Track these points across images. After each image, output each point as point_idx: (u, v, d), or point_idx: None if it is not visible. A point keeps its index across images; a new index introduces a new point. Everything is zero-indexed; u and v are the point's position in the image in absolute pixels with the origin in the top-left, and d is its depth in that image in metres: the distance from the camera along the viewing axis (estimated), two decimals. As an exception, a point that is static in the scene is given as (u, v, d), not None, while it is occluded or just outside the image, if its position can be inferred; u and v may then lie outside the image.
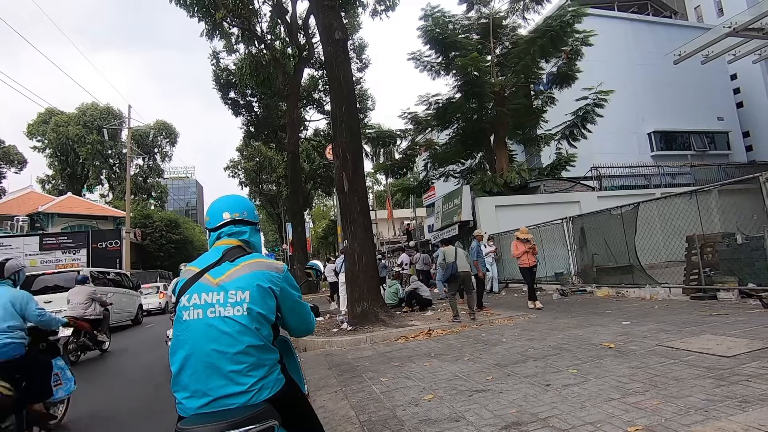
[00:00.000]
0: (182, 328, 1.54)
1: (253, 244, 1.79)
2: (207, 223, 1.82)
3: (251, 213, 1.82)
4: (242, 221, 1.78)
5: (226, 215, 1.76)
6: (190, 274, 1.62)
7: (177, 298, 1.59)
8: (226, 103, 23.07)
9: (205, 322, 1.50)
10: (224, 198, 1.85)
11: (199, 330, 1.50)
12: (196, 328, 1.50)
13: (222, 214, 1.76)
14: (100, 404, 5.01)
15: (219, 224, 1.76)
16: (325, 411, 3.71)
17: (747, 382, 3.10)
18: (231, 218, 1.75)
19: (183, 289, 1.58)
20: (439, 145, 19.26)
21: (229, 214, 1.76)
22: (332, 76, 9.03)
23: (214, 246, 1.74)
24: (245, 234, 1.77)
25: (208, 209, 1.83)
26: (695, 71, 23.05)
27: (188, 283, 1.59)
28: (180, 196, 69.58)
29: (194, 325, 1.51)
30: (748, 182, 6.78)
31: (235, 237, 1.74)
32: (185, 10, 15.35)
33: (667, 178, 20.90)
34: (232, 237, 1.74)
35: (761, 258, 6.37)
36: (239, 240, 1.74)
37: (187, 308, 1.54)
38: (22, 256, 20.19)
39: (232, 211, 1.77)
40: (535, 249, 8.77)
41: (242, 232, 1.77)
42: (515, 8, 16.43)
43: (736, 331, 4.68)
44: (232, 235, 1.74)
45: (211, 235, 1.79)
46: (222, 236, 1.74)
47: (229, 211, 1.77)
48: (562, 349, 4.81)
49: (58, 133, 38.42)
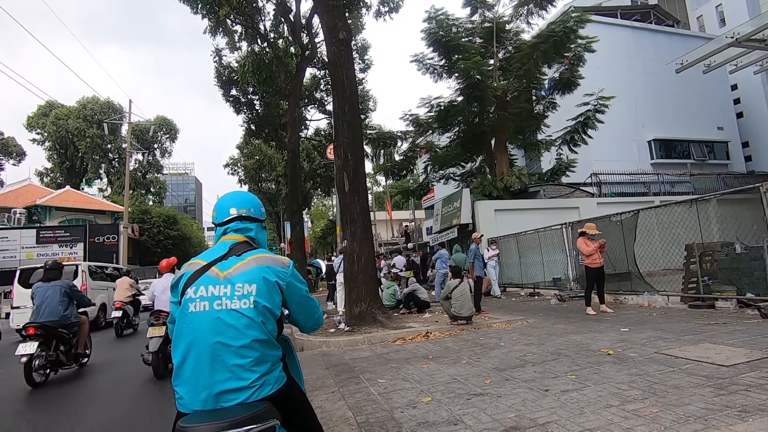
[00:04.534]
0: (187, 320, 1.52)
1: (258, 241, 1.79)
2: (214, 218, 1.82)
3: (258, 210, 1.82)
4: (249, 218, 1.78)
5: (233, 211, 1.76)
6: (196, 267, 1.61)
7: (183, 290, 1.58)
8: (228, 100, 23.05)
9: (212, 314, 1.50)
10: (232, 194, 1.85)
11: (204, 322, 1.49)
12: (201, 321, 1.50)
13: (229, 209, 1.76)
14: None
15: (225, 219, 1.75)
16: (323, 411, 3.69)
17: (746, 391, 3.10)
18: (238, 214, 1.75)
19: (189, 282, 1.58)
20: (440, 147, 19.26)
21: (236, 209, 1.76)
22: (335, 76, 9.02)
23: (220, 241, 1.73)
24: (252, 231, 1.77)
25: (215, 204, 1.83)
26: (696, 80, 23.15)
27: (195, 276, 1.58)
28: (179, 193, 69.45)
29: (200, 317, 1.50)
30: (748, 192, 6.79)
31: (241, 233, 1.74)
32: (189, 6, 15.31)
33: (666, 186, 20.94)
34: (239, 233, 1.74)
35: (760, 268, 6.38)
36: (245, 236, 1.74)
37: (194, 300, 1.53)
38: (19, 249, 20.12)
39: (239, 207, 1.77)
40: (604, 246, 7.91)
41: (249, 228, 1.77)
42: (519, 13, 16.45)
43: (734, 340, 4.68)
44: (238, 231, 1.74)
45: (217, 230, 1.78)
46: (228, 231, 1.74)
47: (236, 207, 1.77)
48: (560, 355, 4.80)
49: (57, 126, 38.24)
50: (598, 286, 7.84)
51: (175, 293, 1.63)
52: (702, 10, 31.44)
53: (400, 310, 9.83)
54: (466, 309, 7.47)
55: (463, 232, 16.14)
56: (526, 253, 12.97)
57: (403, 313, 9.59)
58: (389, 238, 36.58)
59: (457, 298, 7.49)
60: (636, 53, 24.76)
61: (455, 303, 7.48)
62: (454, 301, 7.50)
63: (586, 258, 7.81)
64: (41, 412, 4.62)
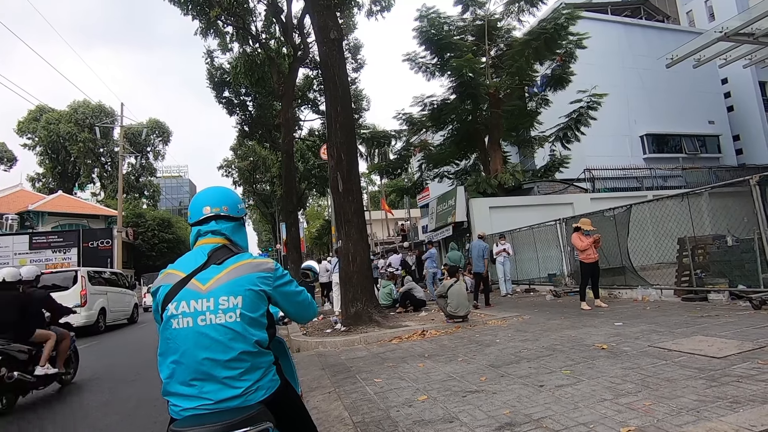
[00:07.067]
0: (171, 336, 1.45)
1: (236, 242, 1.65)
2: (188, 218, 1.69)
3: (234, 207, 1.67)
4: (225, 217, 1.64)
5: (207, 210, 1.62)
6: (174, 279, 1.50)
7: (163, 305, 1.48)
8: (221, 102, 22.92)
9: (196, 330, 1.43)
10: (207, 190, 1.71)
11: (189, 339, 1.43)
12: (186, 337, 1.43)
13: (203, 208, 1.63)
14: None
15: (200, 219, 1.63)
16: (319, 412, 3.69)
17: (738, 383, 3.13)
18: (212, 213, 1.62)
19: (169, 297, 1.47)
20: (434, 146, 19.29)
21: (210, 208, 1.63)
22: (327, 76, 9.01)
23: (197, 245, 1.61)
24: (228, 231, 1.63)
25: (190, 202, 1.69)
26: (687, 75, 23.32)
27: (174, 290, 1.48)
28: (173, 196, 69.01)
29: (184, 334, 1.43)
30: (739, 185, 6.85)
31: (218, 235, 1.61)
32: (179, 8, 15.19)
33: (658, 181, 21.13)
34: (216, 235, 1.61)
35: (751, 260, 6.45)
36: (223, 238, 1.62)
37: (176, 316, 1.44)
38: (12, 255, 19.92)
39: (213, 205, 1.63)
40: (599, 241, 7.84)
41: (225, 228, 1.63)
42: (510, 10, 16.49)
43: (726, 332, 4.73)
44: (215, 233, 1.61)
45: (192, 229, 1.65)
46: (204, 234, 1.62)
47: (210, 206, 1.63)
48: (555, 350, 4.83)
49: (49, 131, 37.88)
50: (592, 281, 7.84)
51: (154, 307, 1.54)
52: (691, 5, 31.65)
53: (397, 309, 9.85)
54: (462, 308, 7.49)
55: (458, 230, 16.18)
56: (521, 250, 13.03)
57: (399, 312, 9.60)
58: (385, 237, 36.61)
59: (453, 297, 7.50)
60: (627, 49, 24.92)
61: (451, 302, 7.49)
62: (450, 300, 7.51)
63: (580, 253, 7.81)
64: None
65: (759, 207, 6.19)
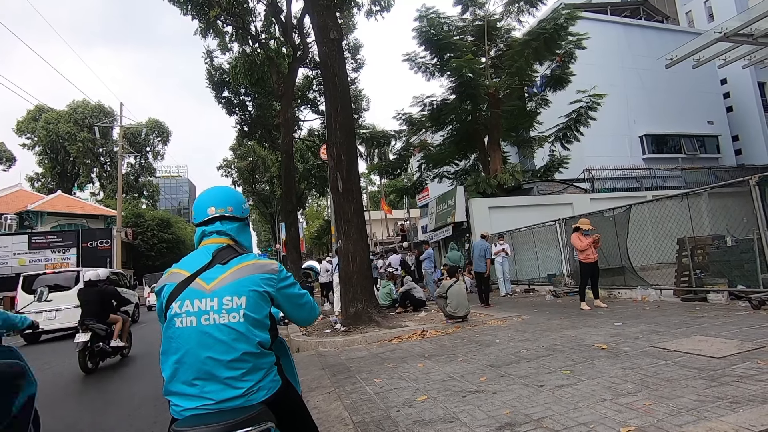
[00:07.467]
0: (174, 335, 1.46)
1: (241, 243, 1.67)
2: (193, 218, 1.71)
3: (238, 208, 1.70)
4: (230, 217, 1.67)
5: (212, 210, 1.65)
6: (179, 278, 1.51)
7: (167, 304, 1.49)
8: (220, 102, 22.92)
9: (199, 329, 1.44)
10: (211, 190, 1.73)
11: (192, 338, 1.44)
12: (189, 336, 1.44)
13: (207, 209, 1.65)
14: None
15: (204, 220, 1.65)
16: (319, 412, 3.69)
17: (737, 382, 3.14)
18: (216, 214, 1.65)
19: (173, 295, 1.48)
20: (433, 146, 19.28)
21: (214, 209, 1.65)
22: (327, 76, 9.01)
23: (201, 245, 1.64)
24: (233, 232, 1.66)
25: (194, 202, 1.71)
26: (686, 75, 23.34)
27: (179, 288, 1.49)
28: (172, 195, 69.01)
29: (187, 333, 1.44)
30: (738, 185, 6.86)
31: (223, 235, 1.63)
32: (179, 7, 15.19)
33: (658, 181, 21.15)
34: (221, 235, 1.63)
35: (750, 260, 6.45)
36: (228, 239, 1.64)
37: (179, 315, 1.45)
38: (11, 255, 19.91)
39: (218, 206, 1.65)
40: (598, 241, 7.82)
41: (230, 229, 1.65)
42: (510, 11, 16.50)
43: (726, 332, 4.73)
44: (220, 234, 1.63)
45: (197, 229, 1.67)
46: (210, 234, 1.64)
47: (214, 206, 1.65)
48: (555, 350, 4.83)
49: (48, 131, 37.84)
50: (592, 281, 7.84)
51: (158, 306, 1.55)
52: (691, 6, 31.68)
53: (396, 309, 9.85)
54: (462, 308, 7.49)
55: (457, 230, 16.18)
56: (521, 250, 13.04)
57: (399, 312, 9.60)
58: (385, 237, 36.61)
59: (453, 297, 7.50)
60: (626, 49, 24.94)
61: (451, 302, 7.50)
62: (449, 301, 7.52)
63: (580, 253, 7.80)
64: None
65: (758, 207, 6.20)
